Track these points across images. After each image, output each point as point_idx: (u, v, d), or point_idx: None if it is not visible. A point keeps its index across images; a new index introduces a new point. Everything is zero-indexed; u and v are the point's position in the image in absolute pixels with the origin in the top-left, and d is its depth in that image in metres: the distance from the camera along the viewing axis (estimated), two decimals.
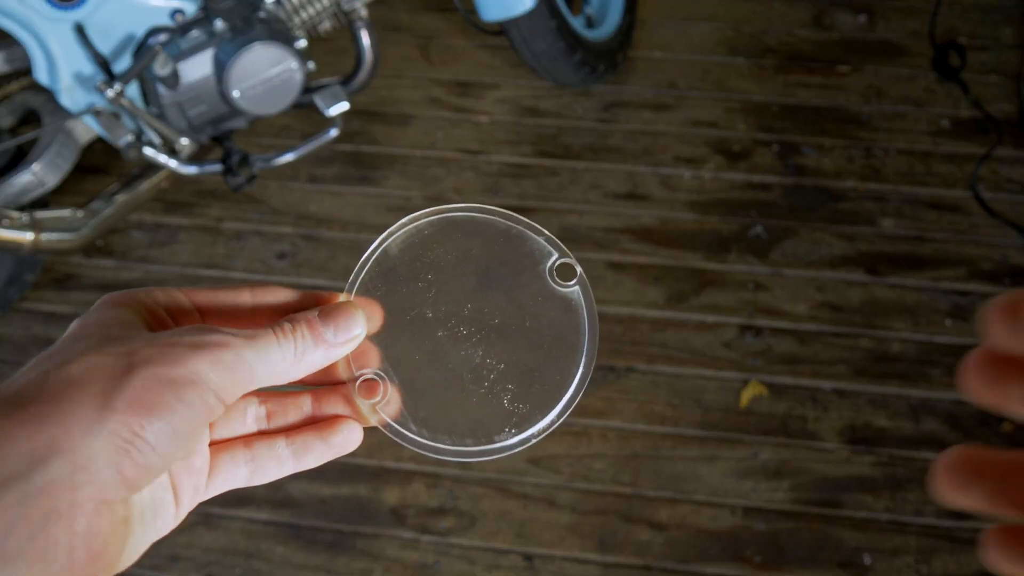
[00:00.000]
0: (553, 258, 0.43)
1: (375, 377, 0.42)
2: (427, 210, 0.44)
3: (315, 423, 0.43)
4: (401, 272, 0.43)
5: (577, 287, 0.43)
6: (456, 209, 0.44)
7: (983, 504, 0.28)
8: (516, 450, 0.42)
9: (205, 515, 1.49)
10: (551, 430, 0.42)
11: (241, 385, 0.37)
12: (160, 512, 0.38)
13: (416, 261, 0.43)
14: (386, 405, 0.42)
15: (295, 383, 0.41)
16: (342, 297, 0.42)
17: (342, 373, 0.43)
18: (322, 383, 0.43)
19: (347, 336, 0.40)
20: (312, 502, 1.50)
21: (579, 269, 0.43)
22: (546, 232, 0.44)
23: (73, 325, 0.38)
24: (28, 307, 1.75)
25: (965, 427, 1.54)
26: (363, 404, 0.42)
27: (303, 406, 0.43)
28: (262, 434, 0.42)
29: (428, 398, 0.42)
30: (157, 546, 0.39)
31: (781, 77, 2.07)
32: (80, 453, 0.33)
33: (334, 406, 0.43)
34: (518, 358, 0.42)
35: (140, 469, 0.34)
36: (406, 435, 0.42)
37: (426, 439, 0.42)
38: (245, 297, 0.42)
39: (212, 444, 0.41)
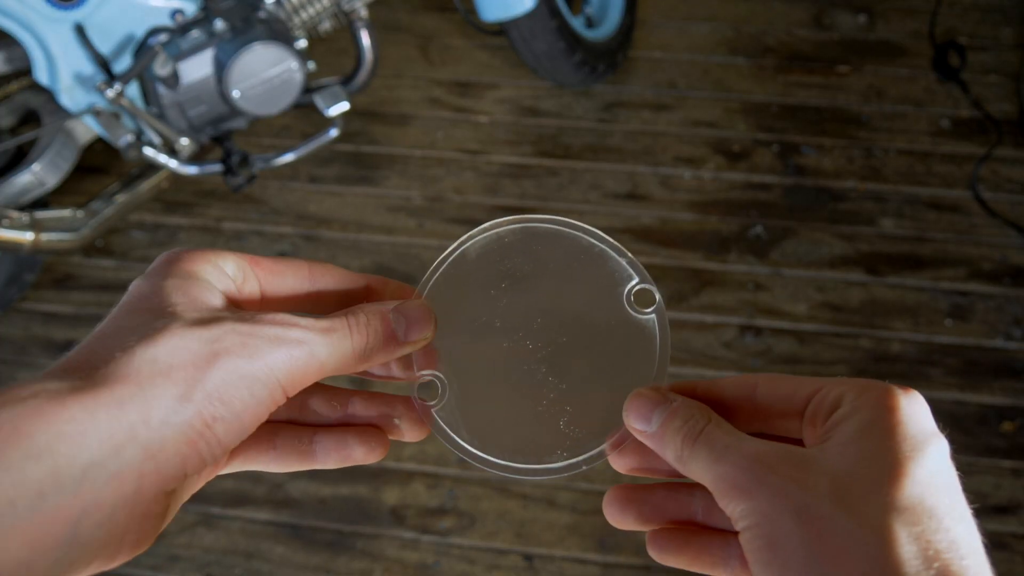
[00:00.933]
0: (633, 282, 0.43)
1: (434, 379, 0.41)
2: (511, 218, 0.43)
3: (349, 425, 0.42)
4: (475, 277, 0.42)
5: (654, 315, 0.42)
6: (541, 220, 0.43)
7: (638, 525, 0.40)
8: (563, 475, 0.41)
9: (205, 515, 1.49)
10: (601, 460, 0.41)
11: (308, 380, 0.38)
12: (186, 483, 0.38)
13: (492, 268, 0.42)
14: (442, 410, 0.41)
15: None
16: (414, 295, 0.42)
17: (397, 371, 0.42)
18: (376, 378, 0.43)
19: (418, 336, 0.40)
20: (312, 502, 1.50)
21: (659, 297, 0.42)
22: (629, 255, 0.43)
23: (148, 284, 0.38)
24: (28, 307, 1.75)
25: (965, 427, 1.54)
26: (420, 405, 0.41)
27: (344, 400, 0.43)
28: (292, 423, 0.42)
29: (483, 408, 0.41)
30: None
31: (781, 77, 2.07)
32: (153, 442, 0.33)
33: (373, 407, 0.42)
34: (581, 380, 0.41)
35: (203, 462, 0.35)
36: (456, 441, 0.41)
37: (476, 448, 0.41)
38: (304, 274, 0.42)
39: None
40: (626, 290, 0.43)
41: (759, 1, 2.24)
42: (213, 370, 0.35)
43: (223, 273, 0.40)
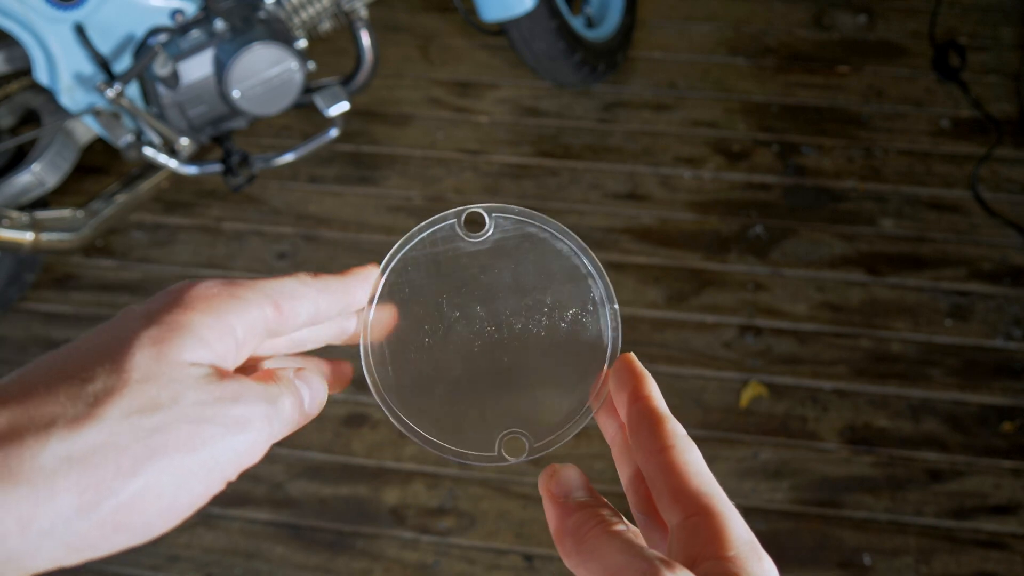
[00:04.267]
0: (597, 292, 0.43)
1: (384, 350, 0.42)
2: (488, 204, 0.43)
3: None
4: (442, 260, 0.42)
5: (611, 326, 0.42)
6: (516, 212, 0.43)
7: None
8: (512, 461, 0.41)
9: (205, 515, 1.49)
10: (549, 450, 0.42)
11: (255, 461, 0.34)
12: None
13: (460, 253, 0.43)
14: (388, 388, 0.41)
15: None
16: (373, 277, 0.42)
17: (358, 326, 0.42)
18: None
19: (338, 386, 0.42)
20: (312, 502, 1.50)
21: (616, 307, 0.43)
22: (580, 243, 0.43)
23: (129, 326, 0.33)
24: (28, 307, 1.75)
25: (965, 427, 1.54)
26: (369, 372, 0.41)
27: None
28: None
29: (438, 392, 0.42)
30: (157, 546, 0.39)
31: (781, 77, 2.07)
32: (23, 553, 0.29)
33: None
34: (538, 372, 0.42)
35: (86, 561, 0.31)
36: (408, 424, 0.41)
37: (427, 433, 0.41)
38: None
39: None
40: (590, 296, 0.43)
41: (759, 1, 2.23)
42: (138, 475, 0.30)
43: (227, 335, 0.34)
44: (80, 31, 1.36)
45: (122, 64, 1.42)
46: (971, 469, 1.49)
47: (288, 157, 1.57)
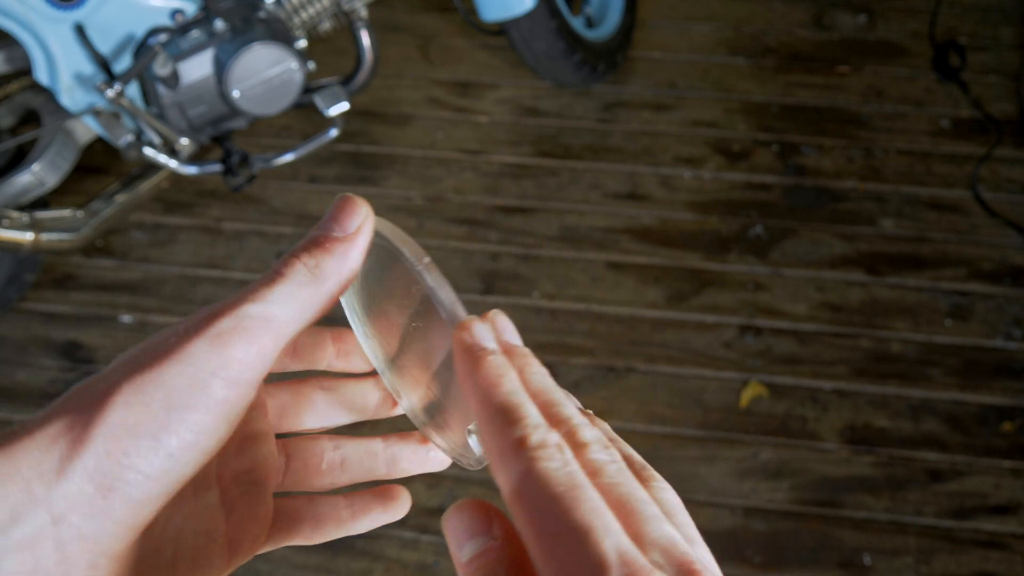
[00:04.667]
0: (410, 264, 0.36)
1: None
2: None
3: (377, 488, 0.40)
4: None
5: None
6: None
7: None
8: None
9: None
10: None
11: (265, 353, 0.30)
12: (201, 562, 0.33)
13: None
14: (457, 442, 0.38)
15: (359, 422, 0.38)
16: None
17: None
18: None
19: (354, 224, 0.34)
20: None
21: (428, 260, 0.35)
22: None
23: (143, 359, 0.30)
24: (28, 307, 1.75)
25: (965, 427, 1.54)
26: (444, 445, 0.39)
27: (376, 450, 0.39)
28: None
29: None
30: None
31: (781, 77, 2.07)
32: (55, 503, 0.27)
33: (405, 449, 0.39)
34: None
35: (139, 505, 0.28)
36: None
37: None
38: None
39: (278, 496, 0.38)
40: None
41: (759, 1, 2.23)
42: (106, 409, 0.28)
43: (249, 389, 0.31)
44: (80, 31, 1.36)
45: (122, 64, 1.42)
46: (971, 469, 1.49)
47: (288, 157, 1.57)
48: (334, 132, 1.54)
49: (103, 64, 1.37)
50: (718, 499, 1.47)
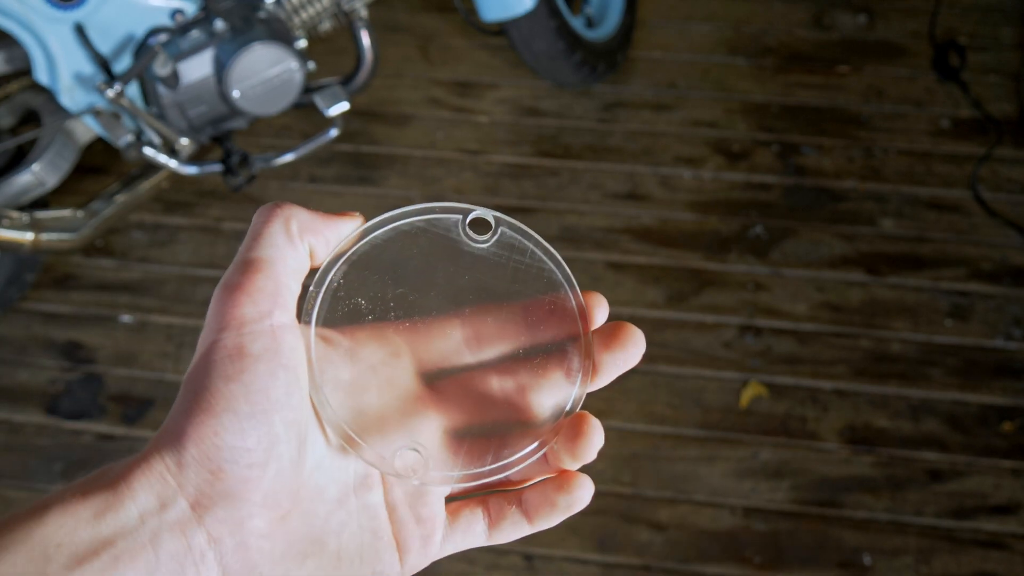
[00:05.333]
0: (577, 339, 0.38)
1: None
2: (500, 215, 0.40)
3: (553, 478, 0.39)
4: (430, 246, 0.40)
5: (579, 383, 0.38)
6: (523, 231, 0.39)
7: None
8: (405, 478, 0.37)
9: None
10: (444, 486, 0.39)
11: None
12: (368, 557, 0.36)
13: (454, 247, 0.40)
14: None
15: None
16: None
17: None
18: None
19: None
20: None
21: (589, 363, 0.38)
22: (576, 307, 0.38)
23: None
24: (28, 307, 1.75)
25: (965, 427, 1.54)
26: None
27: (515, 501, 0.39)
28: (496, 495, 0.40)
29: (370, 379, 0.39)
30: None
31: (781, 77, 2.07)
32: (187, 490, 0.31)
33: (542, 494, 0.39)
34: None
35: (247, 479, 0.32)
36: (324, 397, 0.36)
37: (341, 414, 0.37)
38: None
39: (451, 500, 0.39)
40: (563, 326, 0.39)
41: (759, 1, 2.23)
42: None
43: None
44: (80, 31, 1.36)
45: (122, 64, 1.42)
46: (971, 469, 1.49)
47: (288, 157, 1.57)
48: (334, 132, 1.54)
49: (103, 64, 1.37)
50: (718, 499, 1.47)
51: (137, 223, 1.87)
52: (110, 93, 1.35)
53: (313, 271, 0.37)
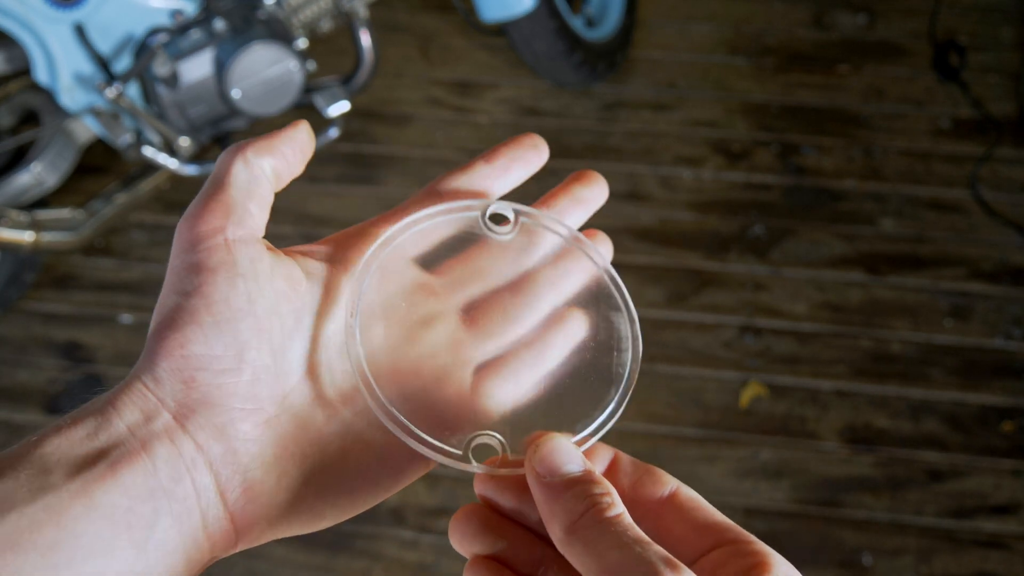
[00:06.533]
0: (622, 324, 0.39)
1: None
2: (519, 205, 0.42)
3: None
4: (460, 241, 0.41)
5: (631, 361, 0.39)
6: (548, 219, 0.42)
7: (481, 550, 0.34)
8: (478, 469, 0.36)
9: None
10: (470, 470, 0.37)
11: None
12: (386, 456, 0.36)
13: (482, 240, 0.41)
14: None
15: None
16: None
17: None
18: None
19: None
20: None
21: (640, 345, 0.39)
22: (617, 292, 0.40)
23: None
24: (28, 307, 1.75)
25: (965, 427, 1.54)
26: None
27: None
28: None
29: (422, 375, 0.39)
30: None
31: (781, 77, 2.07)
32: (167, 405, 0.32)
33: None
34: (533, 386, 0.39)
35: (220, 386, 0.33)
36: (381, 400, 0.36)
37: (405, 416, 0.36)
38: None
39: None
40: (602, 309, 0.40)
41: (759, 1, 2.24)
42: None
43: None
44: (80, 31, 1.36)
45: (122, 64, 1.42)
46: (971, 469, 1.49)
47: None
48: (334, 132, 1.54)
49: (103, 64, 1.37)
50: (718, 499, 1.47)
51: (137, 223, 1.87)
52: (110, 93, 1.35)
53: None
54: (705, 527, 0.32)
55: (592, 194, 0.46)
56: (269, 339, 0.34)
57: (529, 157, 0.44)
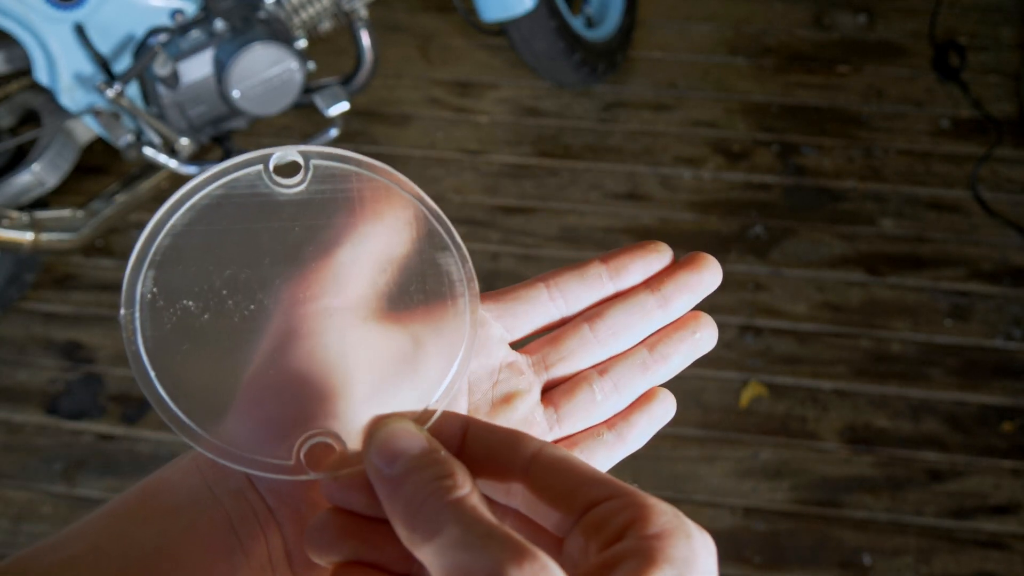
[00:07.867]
0: (451, 266, 0.35)
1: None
2: (304, 147, 0.34)
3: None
4: (242, 212, 0.33)
5: (469, 310, 0.34)
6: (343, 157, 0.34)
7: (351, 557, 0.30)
8: (314, 476, 0.32)
9: None
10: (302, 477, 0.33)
11: None
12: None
13: (268, 203, 0.34)
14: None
15: None
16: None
17: None
18: None
19: None
20: None
21: (476, 286, 0.35)
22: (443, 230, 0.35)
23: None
24: (28, 307, 1.75)
25: (965, 427, 1.54)
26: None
27: (643, 359, 0.40)
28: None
29: (225, 387, 0.34)
30: None
31: (781, 77, 2.07)
32: None
33: (672, 341, 0.39)
34: (361, 364, 0.35)
35: None
36: (187, 424, 0.32)
37: (213, 436, 0.32)
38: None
39: None
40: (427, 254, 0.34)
41: (759, 1, 2.24)
42: None
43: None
44: (80, 31, 1.36)
45: (122, 64, 1.42)
46: (971, 469, 1.49)
47: None
48: (334, 132, 1.54)
49: (103, 64, 1.37)
50: (718, 499, 1.47)
51: (137, 223, 1.87)
52: (110, 93, 1.35)
53: (117, 290, 0.35)
54: (579, 485, 0.28)
55: (703, 281, 0.41)
56: None
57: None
